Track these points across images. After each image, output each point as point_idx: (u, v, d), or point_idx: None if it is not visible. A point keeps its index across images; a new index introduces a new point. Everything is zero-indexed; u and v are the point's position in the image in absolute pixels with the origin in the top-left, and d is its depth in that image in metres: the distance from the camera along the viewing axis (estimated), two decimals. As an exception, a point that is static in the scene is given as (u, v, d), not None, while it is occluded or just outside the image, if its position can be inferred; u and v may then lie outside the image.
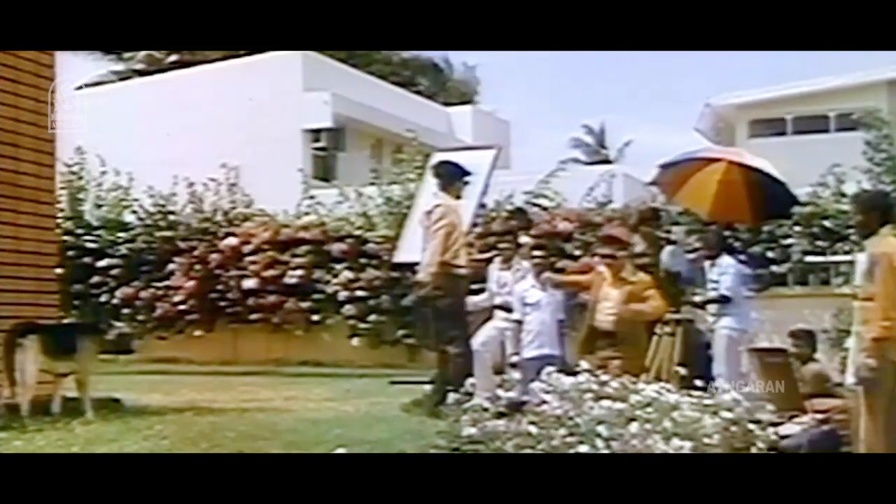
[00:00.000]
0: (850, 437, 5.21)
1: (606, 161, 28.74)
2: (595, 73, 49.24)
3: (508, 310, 6.86)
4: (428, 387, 6.76)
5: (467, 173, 6.68)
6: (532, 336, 6.74)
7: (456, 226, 6.44)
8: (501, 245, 7.27)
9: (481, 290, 7.19)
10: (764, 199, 6.70)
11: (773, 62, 41.51)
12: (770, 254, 10.16)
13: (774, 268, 10.13)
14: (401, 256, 8.34)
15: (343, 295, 11.94)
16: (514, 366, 6.67)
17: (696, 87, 46.82)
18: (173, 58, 24.95)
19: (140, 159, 13.94)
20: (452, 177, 6.62)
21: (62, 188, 11.66)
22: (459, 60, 30.32)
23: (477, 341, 7.08)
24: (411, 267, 7.19)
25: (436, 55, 29.25)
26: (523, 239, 7.19)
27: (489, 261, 7.28)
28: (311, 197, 12.76)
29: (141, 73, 24.25)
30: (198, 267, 12.55)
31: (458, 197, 6.61)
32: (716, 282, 6.82)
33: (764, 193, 6.68)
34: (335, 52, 21.49)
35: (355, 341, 11.82)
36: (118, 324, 7.56)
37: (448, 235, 6.36)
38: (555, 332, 6.54)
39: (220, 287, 12.52)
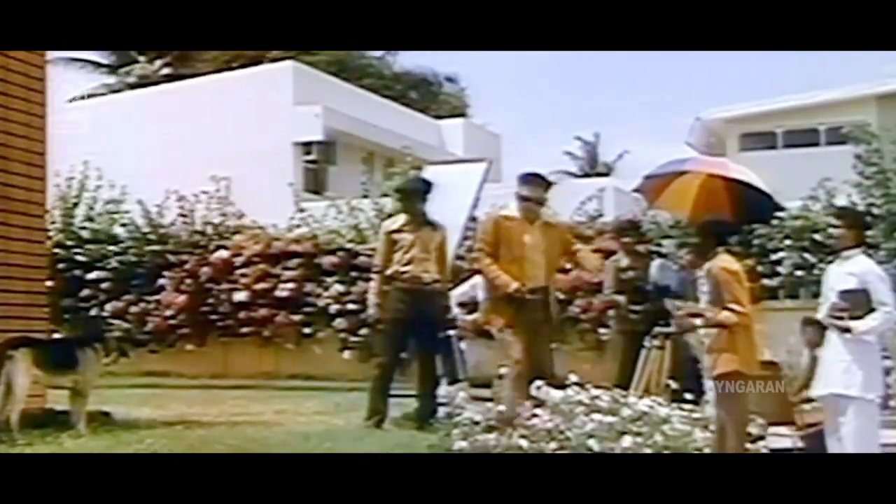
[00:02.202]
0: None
1: (601, 174, 28.80)
2: (587, 86, 49.51)
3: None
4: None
5: (427, 187, 6.83)
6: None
7: (396, 241, 6.61)
8: None
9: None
10: (745, 204, 6.74)
11: (765, 76, 41.82)
12: (760, 267, 10.19)
13: (765, 281, 10.11)
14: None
15: (334, 308, 11.92)
16: (501, 377, 6.67)
17: (689, 99, 47.10)
18: (165, 71, 24.97)
19: (131, 172, 13.90)
20: (409, 195, 6.80)
21: (54, 199, 11.65)
22: (447, 74, 30.36)
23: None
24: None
25: (427, 69, 29.32)
26: None
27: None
28: (303, 210, 12.76)
29: (133, 87, 24.25)
30: (188, 280, 12.51)
31: (420, 211, 6.68)
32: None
33: (745, 198, 6.72)
34: (326, 66, 21.57)
35: (346, 354, 11.78)
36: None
37: (386, 252, 6.61)
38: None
39: (210, 301, 12.47)
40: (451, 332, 7.18)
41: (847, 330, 5.04)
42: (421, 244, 6.57)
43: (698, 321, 5.23)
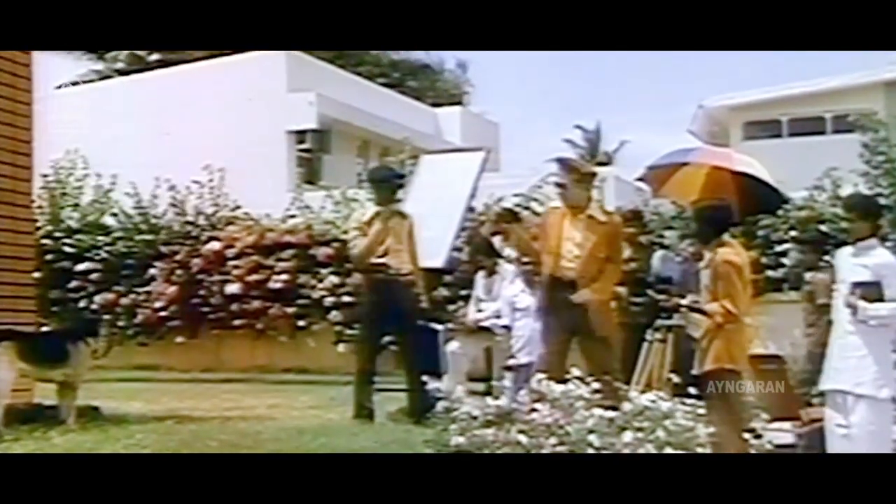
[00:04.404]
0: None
1: (601, 163, 28.59)
2: (587, 74, 49.02)
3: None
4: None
5: (398, 176, 6.76)
6: (522, 342, 6.65)
7: (368, 233, 6.49)
8: (482, 252, 7.25)
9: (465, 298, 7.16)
10: (753, 195, 6.64)
11: (769, 63, 41.44)
12: (764, 259, 10.07)
13: (769, 273, 9.99)
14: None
15: (329, 300, 11.81)
16: (509, 368, 6.59)
17: (691, 88, 46.68)
18: (155, 57, 24.70)
19: (120, 161, 13.76)
20: (379, 183, 6.69)
21: (42, 188, 11.50)
22: (451, 59, 30.18)
23: (453, 345, 7.00)
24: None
25: (427, 55, 29.08)
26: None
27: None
28: (299, 199, 12.63)
29: (122, 73, 24.01)
30: (179, 272, 12.38)
31: (391, 201, 6.58)
32: None
33: (753, 189, 6.62)
34: (321, 52, 21.34)
35: (341, 348, 11.64)
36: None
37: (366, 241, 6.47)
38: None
39: (202, 292, 12.34)
40: (439, 327, 7.09)
41: (854, 309, 4.86)
42: (394, 235, 6.48)
43: (684, 301, 5.14)
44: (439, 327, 7.22)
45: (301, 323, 12.02)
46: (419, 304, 6.62)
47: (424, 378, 6.47)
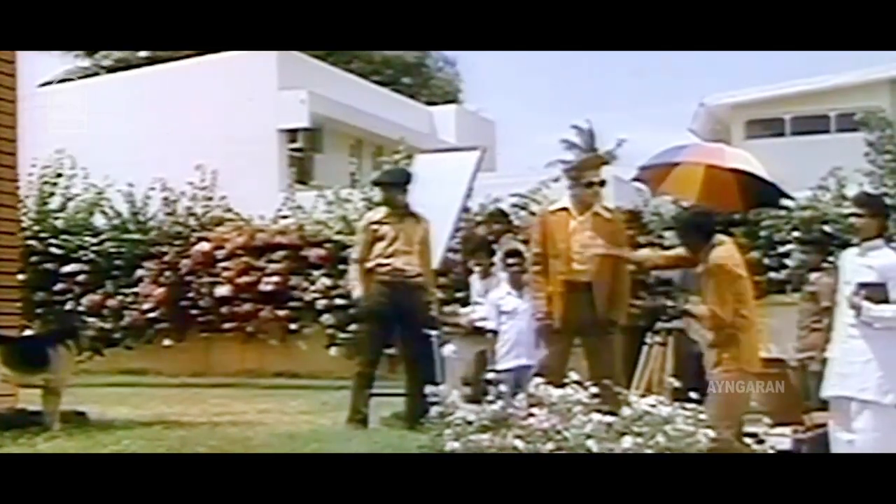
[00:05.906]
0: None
1: (604, 162, 28.37)
2: (585, 71, 48.69)
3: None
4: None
5: (406, 179, 6.65)
6: (509, 346, 6.57)
7: (377, 232, 6.41)
8: (479, 253, 7.17)
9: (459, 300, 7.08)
10: (750, 189, 6.59)
11: (771, 60, 41.36)
12: (767, 260, 9.97)
13: (772, 274, 9.90)
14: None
15: (321, 303, 11.69)
16: (489, 382, 6.49)
17: (691, 85, 46.45)
18: (144, 53, 24.49)
19: (109, 159, 13.61)
20: (387, 187, 6.59)
21: (27, 188, 11.37)
22: (442, 57, 30.05)
23: (449, 348, 6.90)
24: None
25: (419, 52, 28.91)
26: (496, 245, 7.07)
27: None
28: (291, 199, 12.52)
29: (110, 70, 23.81)
30: (168, 273, 12.25)
31: (402, 204, 6.47)
32: None
33: (749, 184, 6.56)
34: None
35: (333, 351, 11.56)
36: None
37: (366, 243, 6.38)
38: (532, 340, 6.33)
39: (191, 294, 12.21)
40: (434, 332, 6.99)
41: (858, 310, 4.78)
42: (404, 237, 6.37)
43: (686, 306, 5.10)
44: (434, 333, 7.12)
45: (292, 326, 11.91)
46: (428, 308, 6.51)
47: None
